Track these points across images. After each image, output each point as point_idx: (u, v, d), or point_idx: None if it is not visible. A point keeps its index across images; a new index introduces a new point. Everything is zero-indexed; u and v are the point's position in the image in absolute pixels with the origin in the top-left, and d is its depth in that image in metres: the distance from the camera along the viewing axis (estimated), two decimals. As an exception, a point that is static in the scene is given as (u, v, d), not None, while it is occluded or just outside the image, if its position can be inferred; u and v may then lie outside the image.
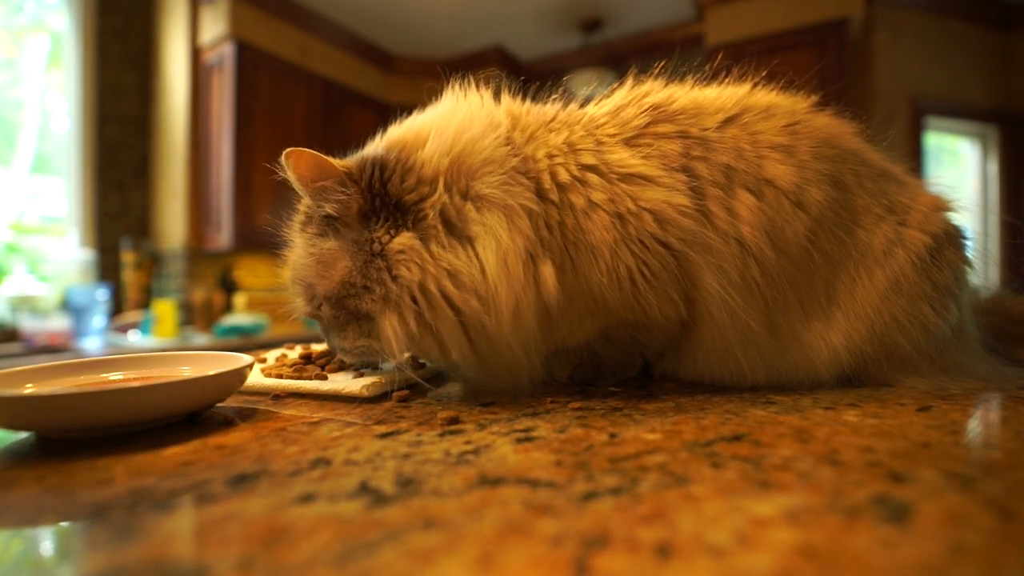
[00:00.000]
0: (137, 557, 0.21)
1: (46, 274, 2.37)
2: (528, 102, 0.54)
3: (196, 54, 2.63)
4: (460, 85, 0.53)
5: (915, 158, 2.68)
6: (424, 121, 0.51)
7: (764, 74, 0.57)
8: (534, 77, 0.55)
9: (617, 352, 0.54)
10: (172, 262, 2.69)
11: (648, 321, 0.50)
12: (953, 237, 0.52)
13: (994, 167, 2.90)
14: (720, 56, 0.58)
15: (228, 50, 2.52)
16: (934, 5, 2.72)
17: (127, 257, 2.57)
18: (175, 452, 0.34)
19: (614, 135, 0.51)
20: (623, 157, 0.49)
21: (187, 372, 0.47)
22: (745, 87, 0.56)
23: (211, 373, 0.40)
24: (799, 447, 0.32)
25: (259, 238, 2.67)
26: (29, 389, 0.41)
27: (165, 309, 2.31)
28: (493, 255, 0.45)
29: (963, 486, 0.26)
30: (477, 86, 0.53)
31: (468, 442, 0.35)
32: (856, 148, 0.54)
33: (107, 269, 2.55)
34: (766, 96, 0.56)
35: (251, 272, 2.87)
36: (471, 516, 0.24)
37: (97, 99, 2.57)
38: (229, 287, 2.73)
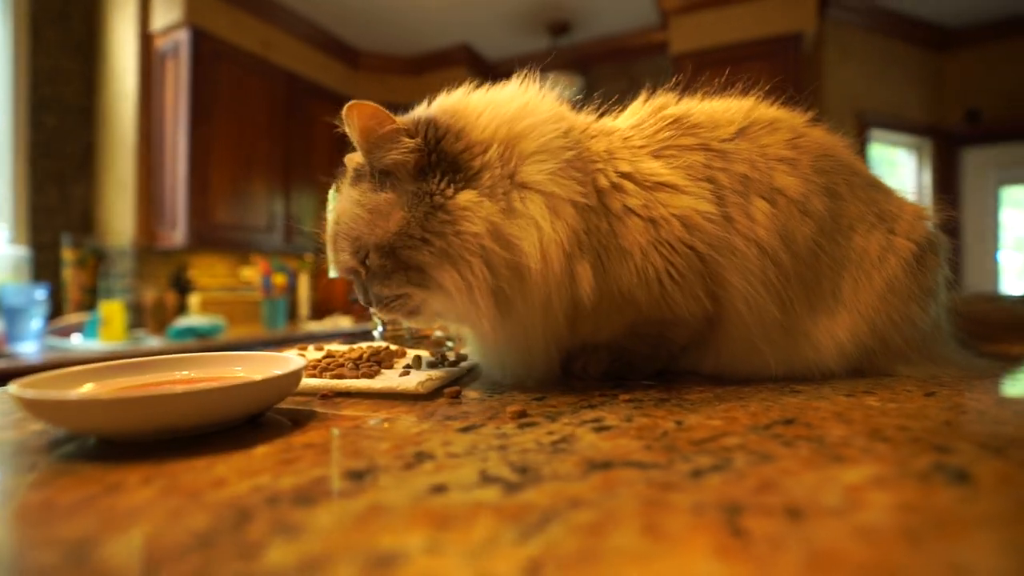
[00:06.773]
0: (316, 549, 0.22)
1: (-26, 273, 2.17)
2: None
3: (147, 40, 2.48)
4: (525, 76, 0.54)
5: (859, 167, 2.92)
6: (480, 97, 0.53)
7: (724, 83, 0.62)
8: (501, 77, 0.56)
9: (644, 347, 0.57)
10: (119, 260, 2.52)
11: (675, 317, 0.54)
12: (934, 244, 0.59)
13: (928, 177, 3.21)
14: (685, 64, 0.63)
15: (183, 37, 2.39)
16: (878, 25, 2.97)
17: (68, 254, 2.39)
18: (267, 452, 0.34)
19: (642, 147, 0.55)
20: (654, 167, 0.53)
21: (240, 372, 0.46)
22: (749, 101, 0.62)
23: (278, 373, 0.40)
24: (846, 428, 0.36)
25: (216, 236, 2.55)
26: (88, 388, 0.40)
27: (113, 310, 2.17)
28: (533, 244, 0.47)
29: (997, 454, 0.31)
30: (542, 83, 0.55)
31: (550, 432, 0.37)
32: (849, 160, 0.61)
33: (44, 267, 2.37)
34: (768, 110, 0.61)
35: (207, 271, 2.73)
36: (607, 495, 0.26)
37: (31, 85, 2.37)
38: (183, 287, 2.59)
